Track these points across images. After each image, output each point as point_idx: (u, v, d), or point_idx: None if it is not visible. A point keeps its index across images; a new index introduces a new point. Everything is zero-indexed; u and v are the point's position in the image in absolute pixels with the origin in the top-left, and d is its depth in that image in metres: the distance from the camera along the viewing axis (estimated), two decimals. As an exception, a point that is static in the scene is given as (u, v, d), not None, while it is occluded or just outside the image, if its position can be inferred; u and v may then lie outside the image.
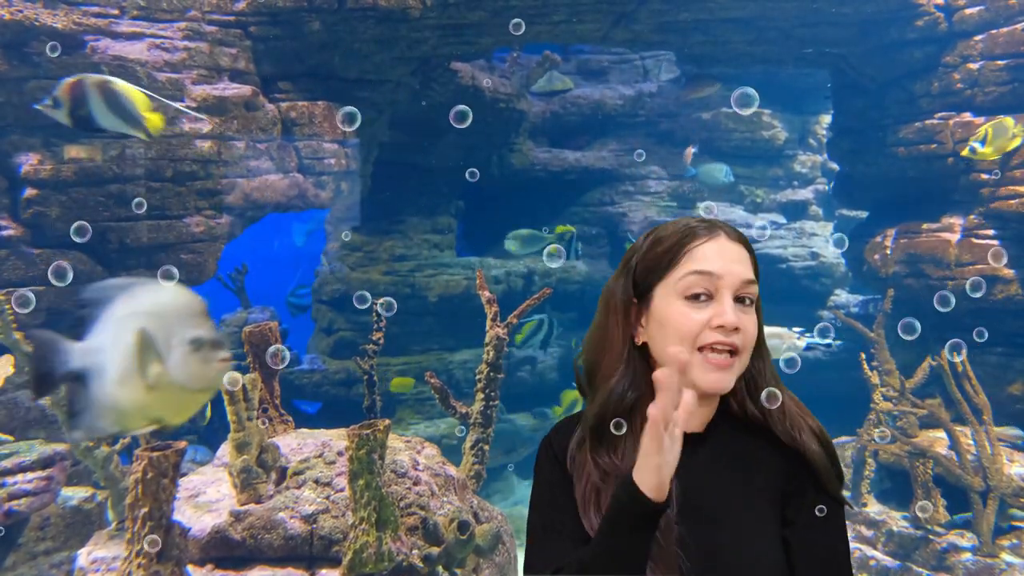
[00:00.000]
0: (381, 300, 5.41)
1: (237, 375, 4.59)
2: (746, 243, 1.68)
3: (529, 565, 1.65)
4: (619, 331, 1.69)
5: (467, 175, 7.72)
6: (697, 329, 1.60)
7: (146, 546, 3.48)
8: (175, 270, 5.70)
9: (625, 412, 1.64)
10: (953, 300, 5.81)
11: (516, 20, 6.02)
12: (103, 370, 2.34)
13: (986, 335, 5.89)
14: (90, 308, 2.41)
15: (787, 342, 6.51)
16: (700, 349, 1.60)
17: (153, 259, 6.89)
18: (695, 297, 1.61)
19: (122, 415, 2.37)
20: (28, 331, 2.39)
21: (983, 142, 7.04)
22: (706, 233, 1.65)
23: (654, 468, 1.40)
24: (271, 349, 5.12)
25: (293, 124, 7.72)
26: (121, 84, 5.22)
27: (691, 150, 12.10)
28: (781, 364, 4.62)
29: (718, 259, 1.62)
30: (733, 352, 1.60)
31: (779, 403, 1.66)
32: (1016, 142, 7.09)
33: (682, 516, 1.56)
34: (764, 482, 1.62)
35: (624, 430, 1.62)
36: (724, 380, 1.60)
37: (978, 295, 5.88)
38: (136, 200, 6.34)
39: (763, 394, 1.67)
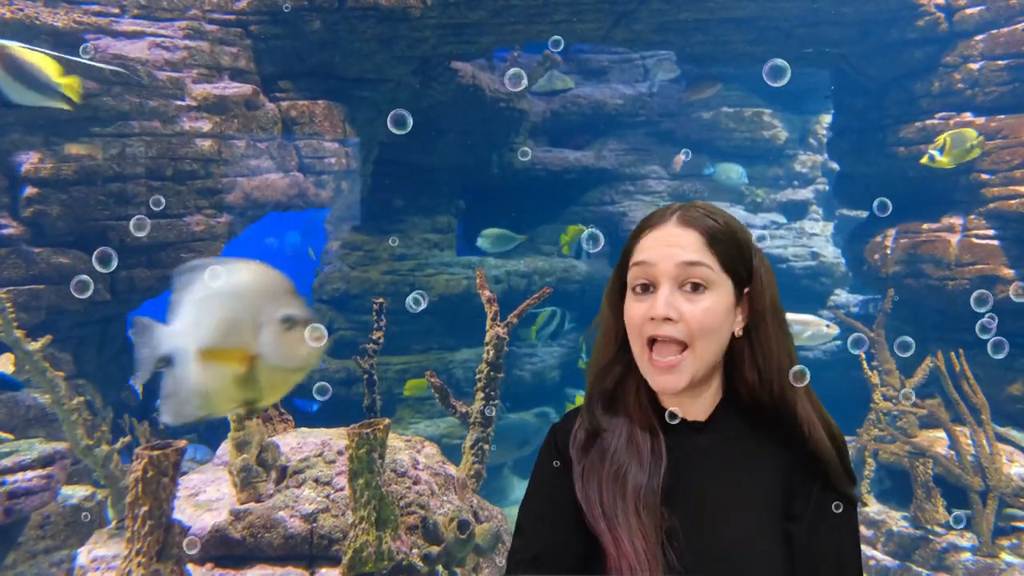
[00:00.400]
0: (414, 293, 5.34)
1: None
2: (701, 225, 1.59)
3: (514, 550, 1.63)
4: (612, 325, 1.70)
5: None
6: (639, 322, 1.58)
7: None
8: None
9: (611, 390, 1.67)
10: (991, 301, 5.74)
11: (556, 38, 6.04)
12: (187, 354, 2.29)
13: (996, 323, 5.85)
14: (177, 291, 2.35)
15: (811, 329, 6.35)
16: (650, 345, 1.58)
17: (153, 258, 6.90)
18: (639, 289, 1.60)
19: (208, 399, 2.32)
20: (132, 317, 2.36)
21: (941, 150, 7.14)
22: (656, 221, 1.64)
23: None
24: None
25: (293, 123, 7.72)
26: (20, 50, 4.78)
27: (681, 157, 12.12)
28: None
29: (655, 247, 1.59)
30: (683, 346, 1.55)
31: (806, 382, 1.61)
32: (975, 153, 7.15)
33: (674, 505, 1.54)
34: (766, 474, 1.58)
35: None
36: (675, 381, 1.56)
37: (984, 309, 5.89)
38: (153, 198, 6.25)
39: (791, 372, 1.60)
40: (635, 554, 1.50)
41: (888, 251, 8.51)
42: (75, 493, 5.73)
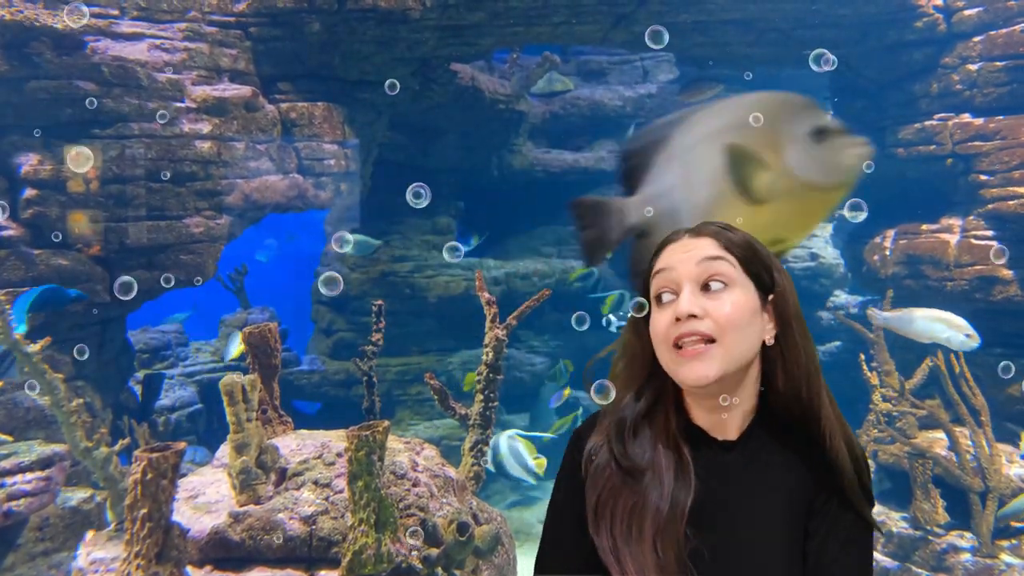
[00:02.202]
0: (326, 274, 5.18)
1: (236, 376, 4.59)
2: (712, 231, 1.63)
3: (540, 560, 1.68)
4: (638, 351, 1.69)
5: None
6: (665, 328, 1.58)
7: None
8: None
9: (641, 417, 1.64)
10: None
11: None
12: (676, 211, 2.08)
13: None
14: (637, 158, 2.15)
15: (950, 332, 6.24)
16: (676, 347, 1.57)
17: (152, 260, 6.90)
18: (663, 298, 1.62)
19: None
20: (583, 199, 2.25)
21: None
22: (671, 238, 1.68)
23: None
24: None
25: (293, 125, 7.72)
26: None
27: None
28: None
29: (672, 255, 1.63)
30: (709, 340, 1.56)
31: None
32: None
33: (699, 525, 1.53)
34: (790, 494, 1.57)
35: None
36: (703, 369, 1.53)
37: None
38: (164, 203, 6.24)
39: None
40: None
41: (887, 252, 8.51)
42: (74, 495, 5.73)
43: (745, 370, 1.61)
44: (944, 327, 6.19)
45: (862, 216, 2.98)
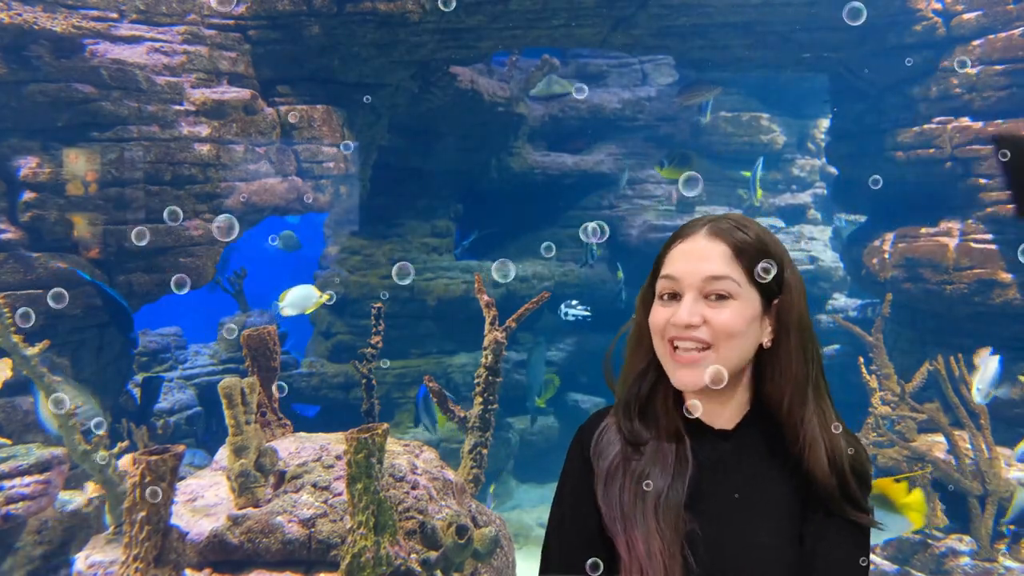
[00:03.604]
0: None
1: (236, 379, 4.59)
2: (730, 238, 1.63)
3: (545, 558, 1.70)
4: (645, 331, 1.74)
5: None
6: (662, 325, 1.64)
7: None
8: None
9: (645, 397, 1.71)
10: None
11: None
12: None
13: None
14: None
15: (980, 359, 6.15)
16: (672, 347, 1.62)
17: (151, 263, 6.89)
18: (666, 297, 1.66)
19: None
20: None
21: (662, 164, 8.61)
22: (687, 232, 1.69)
23: None
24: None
25: (292, 127, 7.72)
26: None
27: (675, 195, 12.15)
28: None
29: (682, 261, 1.65)
30: (705, 347, 1.59)
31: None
32: (685, 172, 7.61)
33: (695, 510, 1.57)
34: (785, 485, 1.61)
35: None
36: (695, 376, 1.59)
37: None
38: (169, 209, 6.23)
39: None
40: (649, 556, 1.53)
41: (886, 255, 8.52)
42: (73, 498, 5.71)
43: (738, 372, 1.65)
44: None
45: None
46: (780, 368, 1.63)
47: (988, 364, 6.18)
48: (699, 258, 1.63)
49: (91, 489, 5.72)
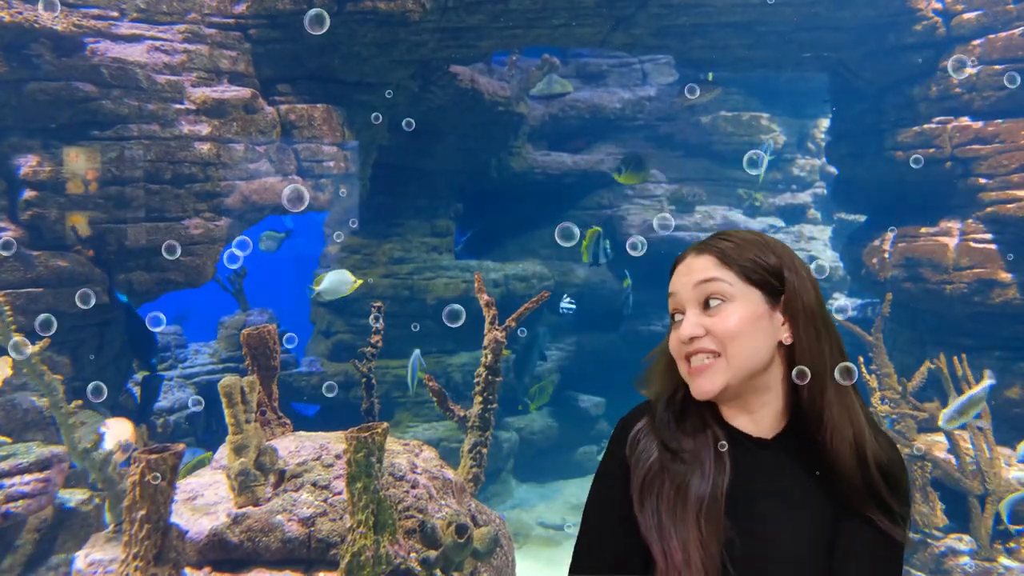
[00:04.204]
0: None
1: (236, 378, 4.59)
2: (713, 248, 1.69)
3: (577, 555, 1.70)
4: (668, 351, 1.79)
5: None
6: (677, 346, 1.69)
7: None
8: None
9: (680, 405, 1.72)
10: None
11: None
12: None
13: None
14: None
15: (977, 406, 5.84)
16: (688, 361, 1.67)
17: (152, 261, 6.89)
18: (676, 318, 1.71)
19: None
20: None
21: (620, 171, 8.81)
22: (682, 257, 1.76)
23: None
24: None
25: (292, 127, 7.72)
26: None
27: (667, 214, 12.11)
28: None
29: (677, 279, 1.72)
30: (716, 355, 1.62)
31: (806, 380, 1.63)
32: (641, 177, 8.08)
33: (732, 517, 1.57)
34: (822, 493, 1.61)
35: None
36: (707, 384, 1.62)
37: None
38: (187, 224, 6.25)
39: (793, 372, 1.65)
40: (687, 565, 1.52)
41: (886, 255, 8.52)
42: (72, 496, 5.72)
43: (761, 373, 1.65)
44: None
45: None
46: (801, 359, 1.65)
47: (975, 393, 5.96)
48: (689, 271, 1.69)
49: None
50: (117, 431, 5.51)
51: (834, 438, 1.59)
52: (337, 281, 7.15)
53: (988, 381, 6.09)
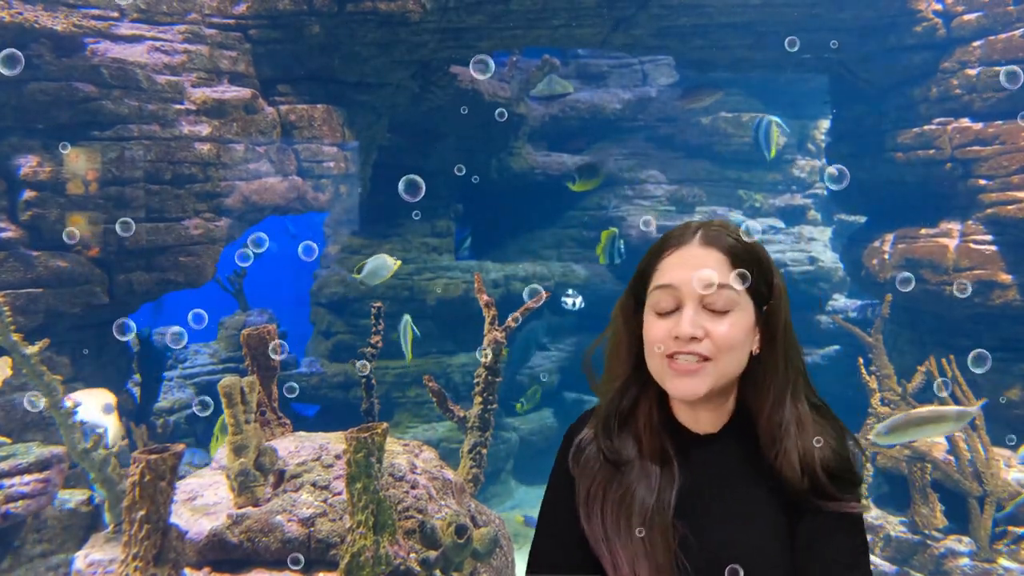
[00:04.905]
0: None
1: (235, 378, 4.59)
2: (724, 245, 1.61)
3: (531, 559, 1.69)
4: (625, 342, 1.70)
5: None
6: (661, 338, 1.59)
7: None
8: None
9: (626, 412, 1.68)
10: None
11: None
12: None
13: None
14: None
15: (943, 427, 5.44)
16: (669, 357, 1.58)
17: (151, 262, 6.89)
18: (663, 309, 1.61)
19: None
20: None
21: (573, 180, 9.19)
22: (676, 241, 1.65)
23: None
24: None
25: (292, 127, 7.72)
26: None
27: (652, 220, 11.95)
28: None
29: (679, 269, 1.60)
30: (705, 359, 1.56)
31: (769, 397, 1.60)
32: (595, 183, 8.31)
33: (683, 514, 1.56)
34: (772, 485, 1.59)
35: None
36: (695, 386, 1.56)
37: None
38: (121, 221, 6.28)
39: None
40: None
41: (886, 256, 8.52)
42: (72, 497, 5.71)
43: (733, 379, 1.64)
44: (939, 427, 5.61)
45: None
46: (764, 374, 1.62)
47: (921, 413, 5.55)
48: (696, 266, 1.58)
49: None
50: (93, 401, 5.50)
51: (786, 457, 1.56)
52: (378, 265, 7.36)
53: (938, 406, 5.90)
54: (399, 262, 7.61)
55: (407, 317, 8.38)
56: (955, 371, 6.37)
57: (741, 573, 1.51)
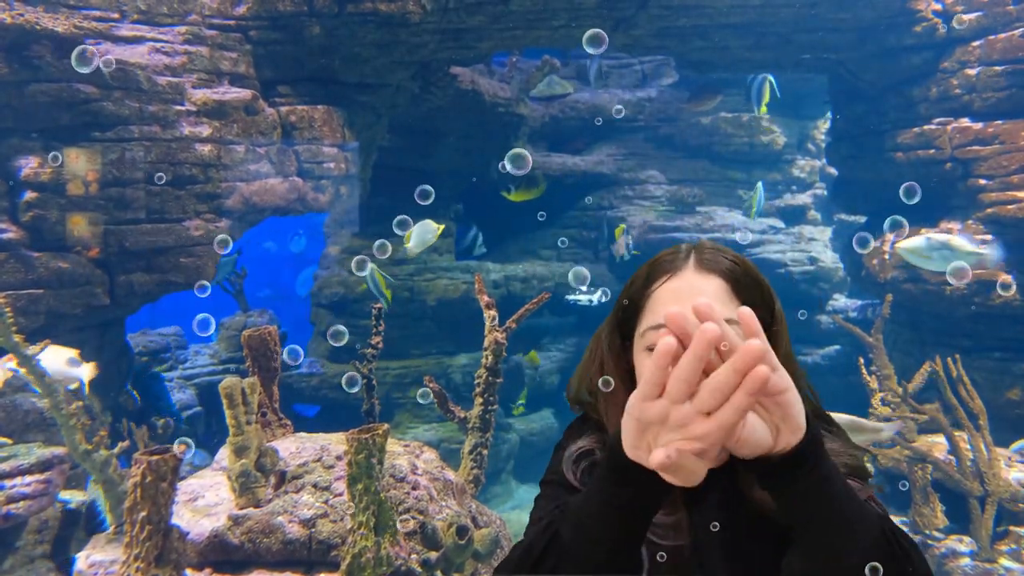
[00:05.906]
0: None
1: (236, 379, 4.59)
2: (722, 269, 1.45)
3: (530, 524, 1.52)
4: (621, 390, 1.51)
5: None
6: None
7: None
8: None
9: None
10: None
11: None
12: None
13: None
14: None
15: (866, 434, 5.33)
16: None
17: (152, 263, 6.90)
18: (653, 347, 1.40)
19: None
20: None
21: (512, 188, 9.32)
22: (669, 268, 1.48)
23: (627, 427, 1.18)
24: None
25: (293, 128, 7.73)
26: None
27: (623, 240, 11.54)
28: None
29: (676, 305, 1.33)
30: None
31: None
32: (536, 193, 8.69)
33: (700, 552, 1.47)
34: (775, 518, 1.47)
35: None
36: None
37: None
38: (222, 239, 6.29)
39: None
40: None
41: (886, 256, 8.52)
42: (73, 498, 5.72)
43: None
44: (860, 435, 5.55)
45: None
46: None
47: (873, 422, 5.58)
48: (696, 297, 1.32)
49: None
50: (58, 357, 5.50)
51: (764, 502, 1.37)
52: (424, 230, 7.43)
53: (894, 425, 5.91)
54: (442, 226, 7.64)
55: (371, 265, 8.26)
56: (960, 371, 6.37)
57: None
